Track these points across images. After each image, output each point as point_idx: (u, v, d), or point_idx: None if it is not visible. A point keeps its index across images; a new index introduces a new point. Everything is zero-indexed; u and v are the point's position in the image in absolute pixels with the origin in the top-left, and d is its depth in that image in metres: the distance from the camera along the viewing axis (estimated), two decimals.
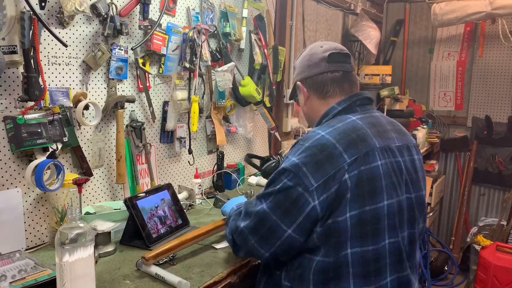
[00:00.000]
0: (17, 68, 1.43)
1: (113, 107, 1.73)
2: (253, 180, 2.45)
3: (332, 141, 1.12)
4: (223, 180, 2.30)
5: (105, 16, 1.65)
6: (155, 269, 1.31)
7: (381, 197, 1.12)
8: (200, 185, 2.12)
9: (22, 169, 1.47)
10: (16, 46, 1.38)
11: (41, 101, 1.47)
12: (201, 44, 2.03)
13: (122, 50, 1.75)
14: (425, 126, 3.94)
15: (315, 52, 1.31)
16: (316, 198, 1.08)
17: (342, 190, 1.08)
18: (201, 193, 2.14)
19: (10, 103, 1.43)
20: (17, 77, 1.44)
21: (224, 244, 1.57)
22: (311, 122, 1.37)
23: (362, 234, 1.10)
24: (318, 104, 1.31)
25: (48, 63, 1.53)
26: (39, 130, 1.44)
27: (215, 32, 2.23)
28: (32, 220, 1.52)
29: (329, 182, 1.08)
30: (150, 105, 1.94)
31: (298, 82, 1.35)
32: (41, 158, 1.45)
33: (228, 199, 2.02)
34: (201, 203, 2.05)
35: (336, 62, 1.28)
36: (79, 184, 1.49)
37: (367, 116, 1.23)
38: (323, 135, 1.14)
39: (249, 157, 2.59)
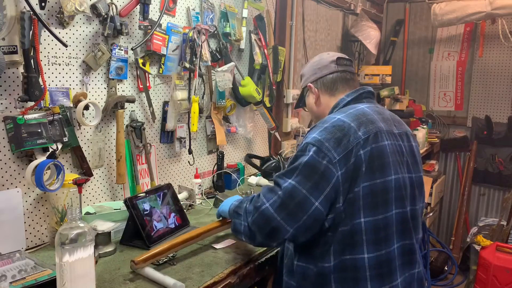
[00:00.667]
0: (17, 68, 1.43)
1: (113, 107, 1.73)
2: (253, 180, 2.45)
3: (347, 122, 1.26)
4: (223, 180, 2.30)
5: (105, 16, 1.65)
6: (150, 272, 1.30)
7: (389, 171, 1.26)
8: (200, 185, 2.12)
9: (22, 169, 1.47)
10: (16, 46, 1.38)
11: (41, 101, 1.47)
12: (201, 44, 2.03)
13: (122, 50, 1.75)
14: (425, 126, 3.94)
15: (323, 58, 1.50)
16: (339, 169, 1.19)
17: (358, 163, 1.21)
18: (201, 193, 2.14)
19: (10, 103, 1.43)
20: (17, 77, 1.44)
21: (224, 244, 1.57)
22: (319, 118, 1.46)
23: (374, 204, 1.22)
24: (328, 101, 1.47)
25: (48, 63, 1.53)
26: (39, 130, 1.44)
27: (215, 32, 2.23)
28: (32, 220, 1.52)
29: (348, 155, 1.20)
30: (150, 105, 1.94)
31: (310, 84, 1.50)
32: (41, 158, 1.45)
33: None
34: (201, 203, 2.05)
35: (343, 64, 1.48)
36: (79, 184, 1.49)
37: (373, 105, 1.40)
38: (339, 118, 1.28)
39: (249, 157, 2.60)
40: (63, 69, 1.58)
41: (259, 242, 1.30)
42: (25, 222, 1.49)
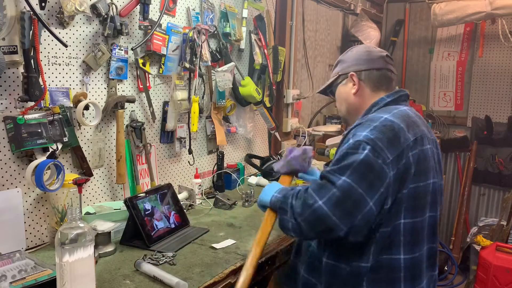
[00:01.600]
0: (17, 68, 1.43)
1: (113, 107, 1.73)
2: (253, 180, 2.45)
3: (397, 122, 1.23)
4: (223, 180, 2.30)
5: (105, 16, 1.65)
6: (153, 270, 1.31)
7: (430, 175, 1.27)
8: (200, 185, 2.12)
9: (22, 169, 1.47)
10: (16, 46, 1.38)
11: (41, 101, 1.47)
12: (201, 44, 2.03)
13: (122, 50, 1.75)
14: None
15: (372, 51, 1.44)
16: (391, 170, 1.17)
17: (408, 165, 1.20)
18: (201, 193, 2.14)
19: (10, 103, 1.43)
20: (17, 77, 1.44)
21: (224, 244, 1.57)
22: (353, 112, 1.44)
23: (414, 206, 1.23)
24: (369, 95, 1.41)
25: (48, 63, 1.53)
26: (39, 130, 1.44)
27: (215, 32, 2.23)
28: (32, 220, 1.52)
29: (400, 156, 1.19)
30: (150, 105, 1.94)
31: (352, 73, 1.41)
32: (41, 158, 1.45)
33: (228, 199, 2.03)
34: (201, 203, 2.05)
35: (390, 63, 1.44)
36: (79, 184, 1.49)
37: (411, 108, 1.38)
38: (387, 117, 1.25)
39: (249, 157, 2.60)
40: (63, 69, 1.58)
41: (310, 238, 1.31)
42: (25, 222, 1.49)
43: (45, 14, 1.48)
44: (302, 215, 1.18)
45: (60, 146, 1.53)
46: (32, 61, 1.40)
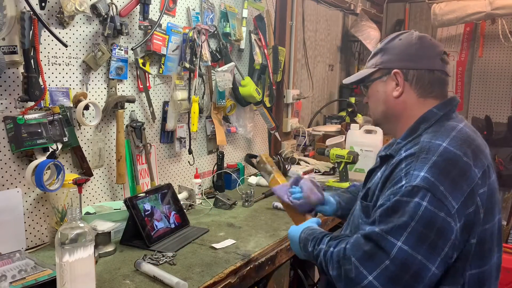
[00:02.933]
0: (17, 68, 1.43)
1: (113, 107, 1.73)
2: (253, 180, 2.45)
3: (459, 154, 0.97)
4: (223, 180, 2.30)
5: (105, 16, 1.65)
6: (153, 270, 1.31)
7: (496, 212, 1.04)
8: (200, 185, 2.12)
9: (22, 169, 1.47)
10: (16, 46, 1.38)
11: (41, 101, 1.47)
12: (201, 44, 2.03)
13: (122, 50, 1.75)
14: None
15: (427, 43, 1.13)
16: (458, 221, 0.93)
17: (477, 210, 0.96)
18: (201, 193, 2.14)
19: (10, 103, 1.43)
20: (17, 77, 1.44)
21: (224, 244, 1.57)
22: (392, 119, 1.16)
23: (481, 253, 1.00)
24: (415, 102, 1.11)
25: (48, 63, 1.53)
26: (39, 130, 1.44)
27: (215, 32, 2.23)
28: (32, 220, 1.52)
29: (467, 202, 0.94)
30: (150, 105, 1.94)
31: (397, 70, 1.11)
32: (41, 158, 1.45)
33: (228, 199, 2.03)
34: (201, 203, 2.05)
35: (446, 63, 1.13)
36: (79, 184, 1.49)
37: (466, 123, 1.09)
38: (447, 147, 0.98)
39: (249, 157, 2.59)
40: (63, 69, 1.58)
41: None
42: (25, 222, 1.49)
43: (45, 14, 1.48)
44: (351, 278, 0.97)
45: (60, 146, 1.53)
46: (32, 61, 1.40)
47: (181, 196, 1.94)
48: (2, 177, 1.43)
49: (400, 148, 1.07)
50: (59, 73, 1.57)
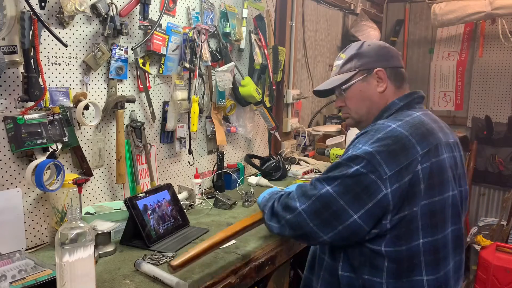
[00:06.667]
0: (17, 68, 1.43)
1: (113, 107, 1.73)
2: (253, 180, 2.45)
3: (405, 133, 1.15)
4: (223, 180, 2.30)
5: (105, 16, 1.65)
6: (153, 270, 1.31)
7: (447, 188, 1.19)
8: (200, 185, 2.12)
9: (22, 169, 1.47)
10: (16, 46, 1.38)
11: (41, 101, 1.47)
12: (201, 44, 2.03)
13: (122, 50, 1.75)
14: None
15: (389, 47, 1.36)
16: (389, 187, 1.10)
17: (414, 180, 1.11)
18: (201, 193, 2.14)
19: (10, 103, 1.43)
20: (17, 77, 1.44)
21: (224, 244, 1.57)
22: (374, 111, 1.32)
23: (433, 223, 1.15)
24: (392, 94, 1.31)
25: (48, 63, 1.53)
26: (39, 130, 1.44)
27: (215, 32, 2.23)
28: (32, 220, 1.52)
29: (402, 172, 1.10)
30: (150, 105, 1.94)
31: (380, 68, 1.30)
32: (41, 158, 1.45)
33: (228, 199, 2.03)
34: (201, 203, 2.05)
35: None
36: (79, 184, 1.49)
37: (427, 113, 1.28)
38: (395, 127, 1.16)
39: (249, 157, 2.60)
40: (63, 69, 1.58)
41: (293, 239, 1.31)
42: (25, 222, 1.49)
43: (45, 14, 1.48)
44: (284, 218, 1.21)
45: (60, 146, 1.53)
46: (32, 61, 1.40)
47: (181, 196, 1.94)
48: (2, 177, 1.43)
49: (362, 133, 1.24)
50: (59, 73, 1.57)
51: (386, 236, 1.14)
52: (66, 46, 1.50)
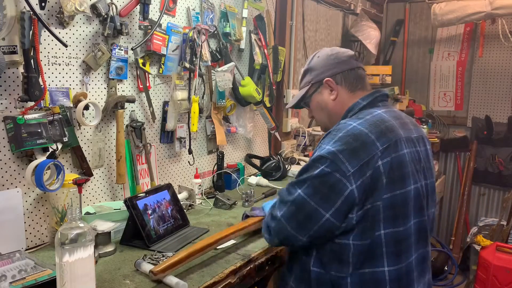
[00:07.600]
0: (17, 68, 1.43)
1: (113, 107, 1.73)
2: (253, 180, 2.45)
3: (364, 131, 1.19)
4: (223, 180, 2.30)
5: (105, 16, 1.65)
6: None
7: (409, 181, 1.22)
8: (200, 185, 2.12)
9: (22, 169, 1.47)
10: (16, 46, 1.38)
11: (41, 101, 1.47)
12: (201, 44, 2.03)
13: (122, 50, 1.75)
14: (425, 126, 3.93)
15: (339, 52, 1.41)
16: (354, 183, 1.14)
17: (376, 175, 1.16)
18: (201, 193, 2.14)
19: (10, 103, 1.43)
20: (17, 77, 1.44)
21: (224, 244, 1.57)
22: (335, 118, 1.38)
23: (394, 216, 1.19)
24: (347, 98, 1.37)
25: (48, 63, 1.53)
26: (39, 130, 1.44)
27: (215, 32, 2.23)
28: (32, 220, 1.52)
29: (364, 167, 1.15)
30: (150, 105, 1.94)
31: (328, 78, 1.37)
32: (41, 158, 1.45)
33: (228, 199, 2.03)
34: (201, 203, 2.05)
35: (359, 61, 1.41)
36: (79, 184, 1.49)
37: (389, 110, 1.32)
38: (355, 126, 1.21)
39: (249, 157, 2.60)
40: (63, 69, 1.58)
41: (277, 245, 1.39)
42: (25, 222, 1.49)
43: (45, 14, 1.48)
44: (271, 227, 1.29)
45: (60, 146, 1.53)
46: (32, 61, 1.40)
47: (181, 196, 1.94)
48: (2, 177, 1.43)
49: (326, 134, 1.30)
50: (59, 73, 1.57)
51: (354, 230, 1.18)
52: (66, 46, 1.50)
